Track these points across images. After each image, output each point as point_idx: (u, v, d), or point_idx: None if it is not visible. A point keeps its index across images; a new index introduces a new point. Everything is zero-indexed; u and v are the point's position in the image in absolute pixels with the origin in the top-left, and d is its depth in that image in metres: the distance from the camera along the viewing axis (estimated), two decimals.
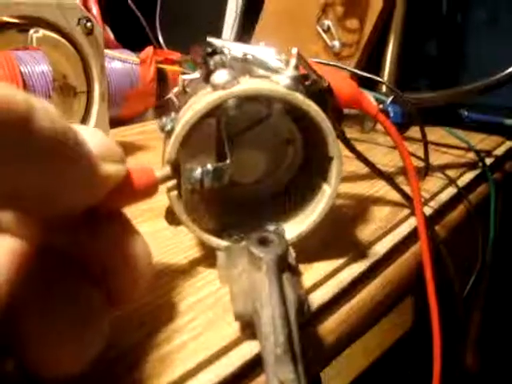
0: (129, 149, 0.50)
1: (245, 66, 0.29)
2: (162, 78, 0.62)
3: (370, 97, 0.39)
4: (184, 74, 0.64)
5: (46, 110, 0.14)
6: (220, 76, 0.24)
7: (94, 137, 0.18)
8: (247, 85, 0.24)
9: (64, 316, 0.17)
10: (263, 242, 0.23)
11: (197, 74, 0.28)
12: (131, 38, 0.70)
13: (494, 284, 0.59)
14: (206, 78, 0.26)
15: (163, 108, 0.63)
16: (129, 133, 0.56)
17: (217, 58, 0.24)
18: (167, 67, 0.62)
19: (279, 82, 0.24)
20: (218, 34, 0.81)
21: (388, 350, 0.50)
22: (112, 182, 0.18)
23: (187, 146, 0.24)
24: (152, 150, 0.50)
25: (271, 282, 0.21)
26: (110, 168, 0.18)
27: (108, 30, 0.66)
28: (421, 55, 0.77)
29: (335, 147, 0.25)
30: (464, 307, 0.44)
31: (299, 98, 0.24)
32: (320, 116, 0.25)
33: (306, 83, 0.27)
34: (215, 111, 0.24)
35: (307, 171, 0.29)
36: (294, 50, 0.25)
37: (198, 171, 0.24)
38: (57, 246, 0.18)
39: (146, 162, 0.46)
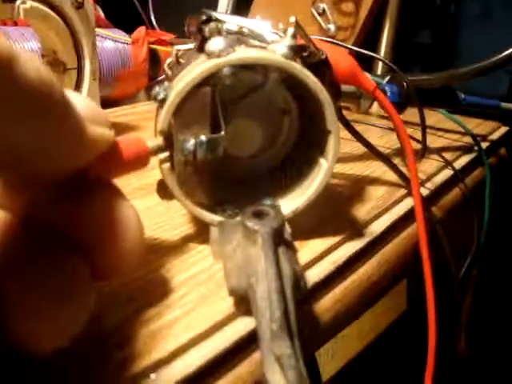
0: (120, 130, 0.49)
1: (240, 38, 0.29)
2: (154, 59, 0.61)
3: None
4: (172, 44, 0.63)
5: (31, 59, 0.13)
6: (215, 43, 0.23)
7: (80, 100, 0.17)
8: (243, 53, 0.23)
9: (46, 289, 0.16)
10: (258, 215, 0.23)
11: (191, 45, 0.27)
12: (124, 18, 0.68)
13: (486, 267, 0.59)
14: (201, 47, 0.25)
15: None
16: (120, 113, 0.55)
17: (212, 25, 0.23)
18: (160, 48, 0.61)
19: (276, 51, 0.24)
20: None
21: (383, 333, 0.50)
22: (99, 145, 0.17)
23: (180, 115, 0.23)
24: (143, 131, 0.49)
25: (267, 255, 0.20)
26: (97, 130, 0.17)
27: (99, 9, 0.64)
28: (415, 43, 0.76)
29: (333, 121, 0.25)
30: (459, 289, 0.44)
31: (297, 68, 0.24)
32: (318, 87, 0.24)
33: (304, 54, 0.26)
34: (210, 80, 0.23)
35: (304, 145, 0.28)
36: (293, 19, 0.24)
37: (191, 142, 0.23)
38: (42, 218, 0.18)
39: None
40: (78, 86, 0.41)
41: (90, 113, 0.17)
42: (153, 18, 0.76)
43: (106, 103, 0.53)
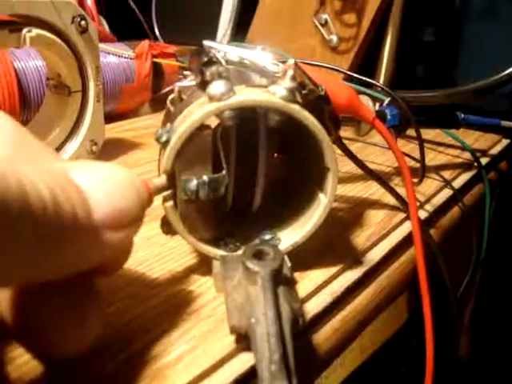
0: (123, 145, 0.50)
1: (241, 72, 0.29)
2: (157, 72, 0.61)
3: (367, 101, 0.39)
4: (181, 68, 0.64)
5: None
6: (216, 87, 0.23)
7: (109, 197, 0.17)
8: (243, 96, 0.24)
9: (68, 301, 0.18)
10: (258, 256, 0.23)
11: (192, 82, 0.28)
12: (127, 29, 0.69)
13: (487, 280, 0.60)
14: (202, 86, 0.26)
15: (158, 102, 0.63)
16: (123, 128, 0.56)
17: (213, 68, 0.24)
18: (163, 61, 0.62)
19: (276, 93, 0.24)
20: (214, 25, 0.81)
21: (383, 345, 0.51)
22: (114, 248, 0.18)
23: (183, 157, 0.24)
24: (147, 148, 0.49)
25: (266, 298, 0.21)
26: (113, 237, 0.17)
27: (103, 22, 0.65)
28: (419, 49, 0.76)
29: (332, 159, 0.25)
30: (457, 307, 0.44)
31: (296, 110, 0.24)
32: (317, 128, 0.25)
33: (303, 92, 0.27)
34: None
35: (303, 179, 0.29)
36: (291, 61, 0.25)
37: (194, 182, 0.24)
38: None
39: (140, 159, 0.46)
40: (82, 108, 0.42)
41: (114, 214, 0.17)
42: (156, 29, 0.76)
43: (110, 118, 0.54)
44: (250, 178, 0.27)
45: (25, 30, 0.36)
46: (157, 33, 0.76)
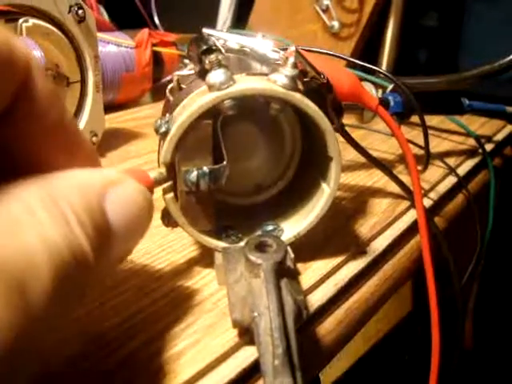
0: (124, 136, 0.49)
1: (241, 60, 0.29)
2: (157, 61, 0.61)
3: (370, 88, 0.38)
4: (181, 56, 0.63)
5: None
6: (215, 76, 0.23)
7: (124, 209, 0.17)
8: (243, 85, 0.23)
9: None
10: (261, 248, 0.23)
11: (192, 70, 0.27)
12: (126, 17, 0.68)
13: (491, 266, 0.60)
14: (201, 74, 0.25)
15: (159, 92, 0.62)
16: (124, 118, 0.55)
17: (212, 56, 0.23)
18: (163, 50, 0.61)
19: (277, 81, 0.24)
20: (214, 13, 0.80)
21: (387, 334, 0.50)
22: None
23: (182, 147, 0.24)
24: (147, 136, 0.49)
25: (269, 291, 0.21)
26: (124, 248, 0.17)
27: (103, 11, 0.64)
28: (422, 35, 0.75)
29: (335, 148, 0.25)
30: (462, 295, 0.44)
31: (297, 98, 0.24)
32: (319, 116, 0.24)
33: (305, 79, 0.26)
34: (211, 112, 0.24)
35: (306, 168, 0.29)
36: (293, 48, 0.24)
37: (194, 173, 0.24)
38: None
39: (141, 149, 0.46)
40: (81, 99, 0.41)
41: (130, 226, 0.17)
42: (155, 17, 0.75)
43: (110, 108, 0.54)
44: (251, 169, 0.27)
45: (21, 20, 0.35)
46: (156, 21, 0.75)
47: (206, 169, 0.24)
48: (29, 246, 0.12)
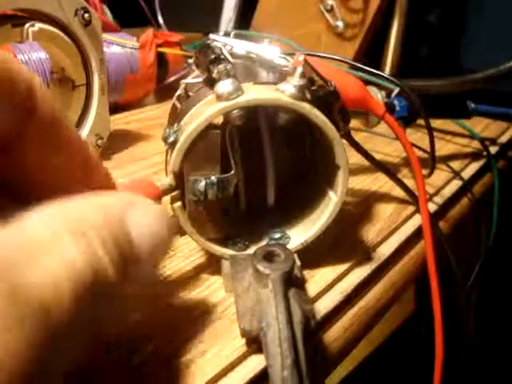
0: (129, 137, 0.49)
1: (248, 67, 0.29)
2: (162, 62, 0.61)
3: (375, 93, 0.38)
4: (185, 57, 0.63)
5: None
6: (224, 86, 0.23)
7: (147, 230, 0.17)
8: (252, 95, 0.23)
9: None
10: (269, 258, 0.23)
11: (199, 78, 0.27)
12: (129, 16, 0.68)
13: (495, 269, 0.60)
14: (209, 83, 0.25)
15: (164, 92, 0.62)
16: (128, 119, 0.55)
17: (220, 66, 0.23)
18: (168, 50, 0.61)
19: (285, 91, 0.24)
20: (218, 12, 0.79)
21: (391, 335, 0.51)
22: None
23: (191, 157, 0.24)
24: (152, 138, 0.49)
25: (278, 301, 0.21)
26: (148, 268, 0.18)
27: (107, 11, 0.64)
28: (426, 34, 0.75)
29: (343, 157, 0.25)
30: (466, 299, 0.44)
31: (306, 108, 0.24)
32: (327, 126, 0.24)
33: (312, 88, 0.26)
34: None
35: (313, 176, 0.29)
36: (301, 57, 0.24)
37: (202, 183, 0.24)
38: None
39: (146, 151, 0.46)
40: (87, 102, 0.41)
41: (155, 241, 0.17)
42: (159, 17, 0.75)
43: (115, 109, 0.54)
44: (260, 177, 0.27)
45: (27, 25, 0.35)
46: (160, 20, 0.75)
47: (214, 178, 0.24)
48: (54, 272, 0.12)
